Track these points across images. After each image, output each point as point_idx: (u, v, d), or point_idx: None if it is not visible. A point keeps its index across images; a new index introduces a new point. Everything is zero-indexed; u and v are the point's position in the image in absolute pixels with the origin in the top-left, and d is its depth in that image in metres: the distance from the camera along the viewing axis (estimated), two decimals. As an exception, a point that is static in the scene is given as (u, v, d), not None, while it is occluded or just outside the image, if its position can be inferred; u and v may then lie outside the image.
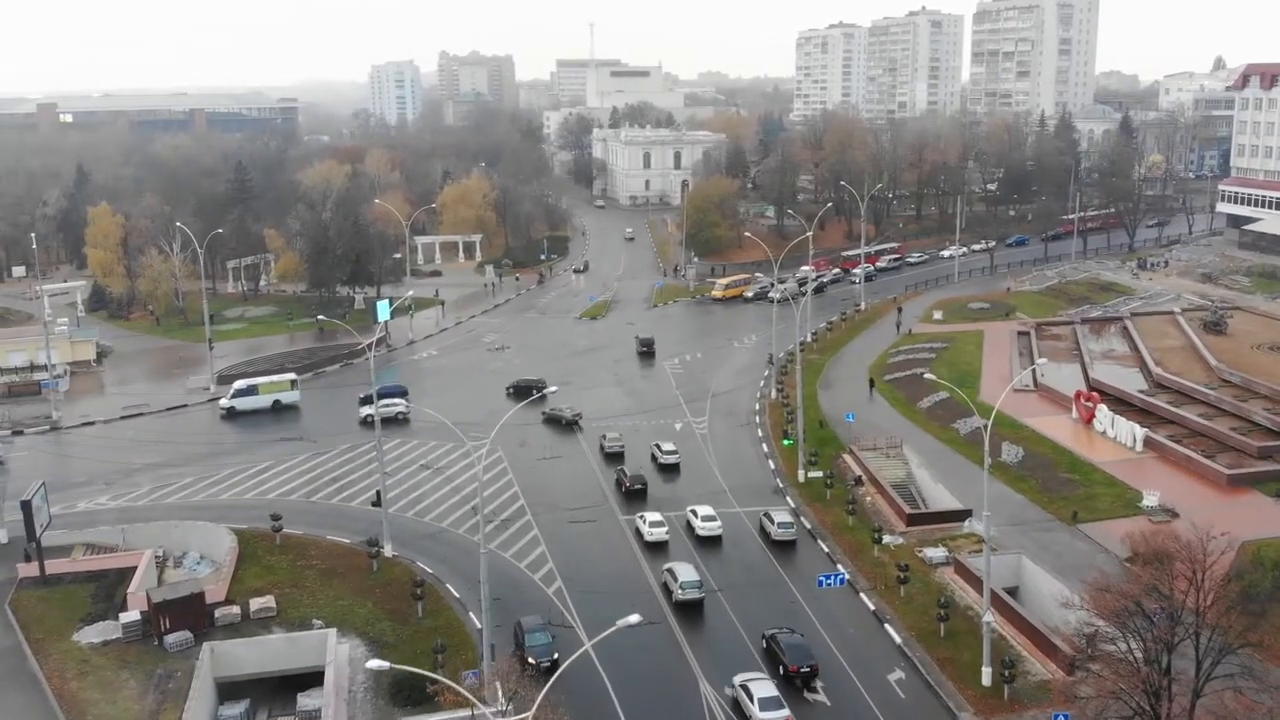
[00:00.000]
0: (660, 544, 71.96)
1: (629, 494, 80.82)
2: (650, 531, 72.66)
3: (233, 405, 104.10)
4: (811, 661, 56.10)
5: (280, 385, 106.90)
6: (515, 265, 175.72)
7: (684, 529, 74.33)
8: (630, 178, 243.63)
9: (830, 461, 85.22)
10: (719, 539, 72.81)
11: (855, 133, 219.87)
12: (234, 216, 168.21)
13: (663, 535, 72.26)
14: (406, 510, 78.73)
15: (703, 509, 74.99)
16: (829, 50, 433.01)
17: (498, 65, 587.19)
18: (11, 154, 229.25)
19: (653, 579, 66.92)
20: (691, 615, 63.33)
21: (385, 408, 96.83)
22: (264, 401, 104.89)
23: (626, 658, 57.34)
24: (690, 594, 63.60)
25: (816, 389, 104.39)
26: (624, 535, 74.02)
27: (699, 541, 72.68)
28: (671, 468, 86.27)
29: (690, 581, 64.22)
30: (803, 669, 55.64)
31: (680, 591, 63.77)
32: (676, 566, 66.27)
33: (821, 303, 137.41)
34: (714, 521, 73.54)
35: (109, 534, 74.61)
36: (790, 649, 56.63)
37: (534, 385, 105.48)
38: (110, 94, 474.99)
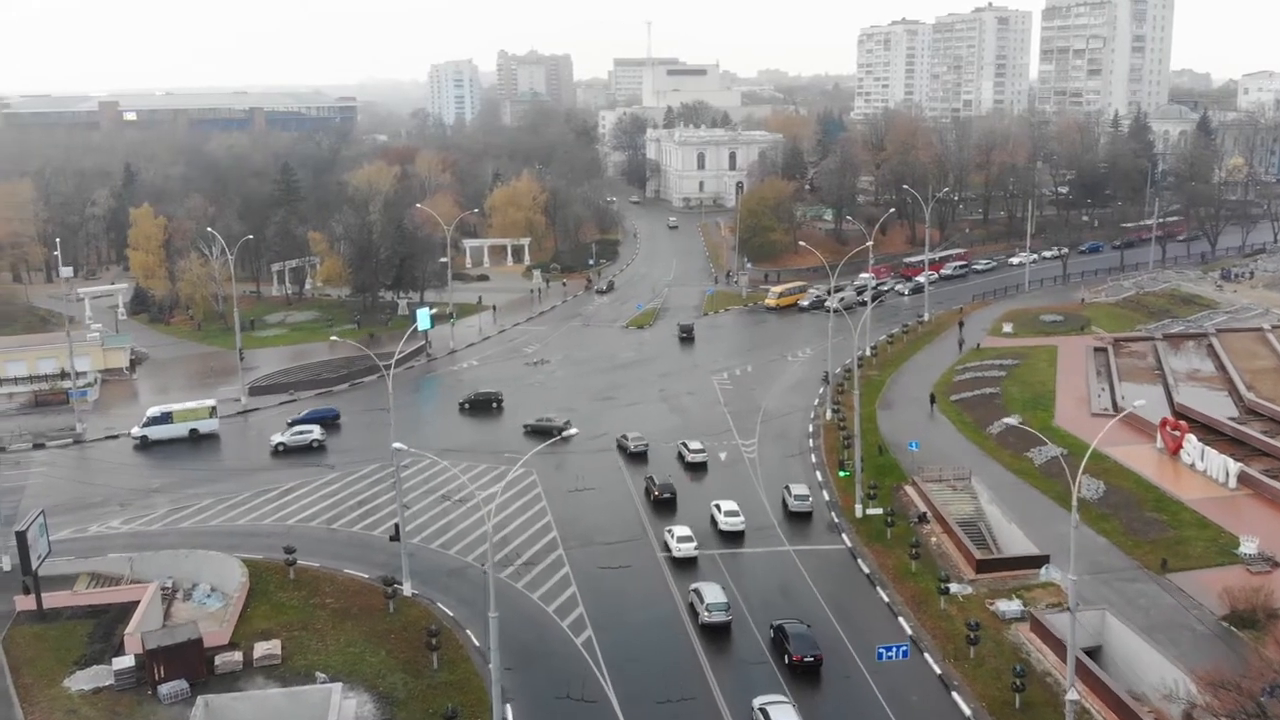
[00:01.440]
0: (689, 560, 69.21)
1: (657, 503, 78.36)
2: (679, 547, 69.84)
3: (145, 435, 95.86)
4: (816, 652, 56.65)
5: (198, 413, 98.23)
6: (563, 270, 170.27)
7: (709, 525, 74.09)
8: (683, 179, 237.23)
9: (891, 495, 78.34)
10: (742, 534, 72.61)
11: (919, 132, 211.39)
12: (278, 218, 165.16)
13: (691, 551, 69.56)
14: (431, 541, 73.35)
15: (726, 504, 74.87)
16: (892, 47, 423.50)
17: (555, 65, 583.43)
18: (62, 152, 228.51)
19: (697, 644, 60.55)
20: (718, 639, 59.75)
21: (297, 436, 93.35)
22: (179, 430, 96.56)
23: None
24: (717, 616, 60.59)
25: (875, 410, 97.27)
26: (661, 574, 67.76)
27: (724, 540, 72.10)
28: (698, 466, 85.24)
29: (717, 603, 61.02)
30: (806, 658, 56.27)
31: (707, 613, 60.71)
32: (703, 587, 62.93)
33: (881, 313, 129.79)
34: (737, 517, 73.45)
35: (116, 563, 70.19)
36: (796, 638, 57.21)
37: (492, 398, 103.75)
38: (173, 92, 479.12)
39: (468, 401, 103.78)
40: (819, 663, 56.32)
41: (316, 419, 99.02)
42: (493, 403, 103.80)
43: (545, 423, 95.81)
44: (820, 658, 56.52)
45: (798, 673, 56.19)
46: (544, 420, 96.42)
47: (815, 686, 55.69)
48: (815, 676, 56.48)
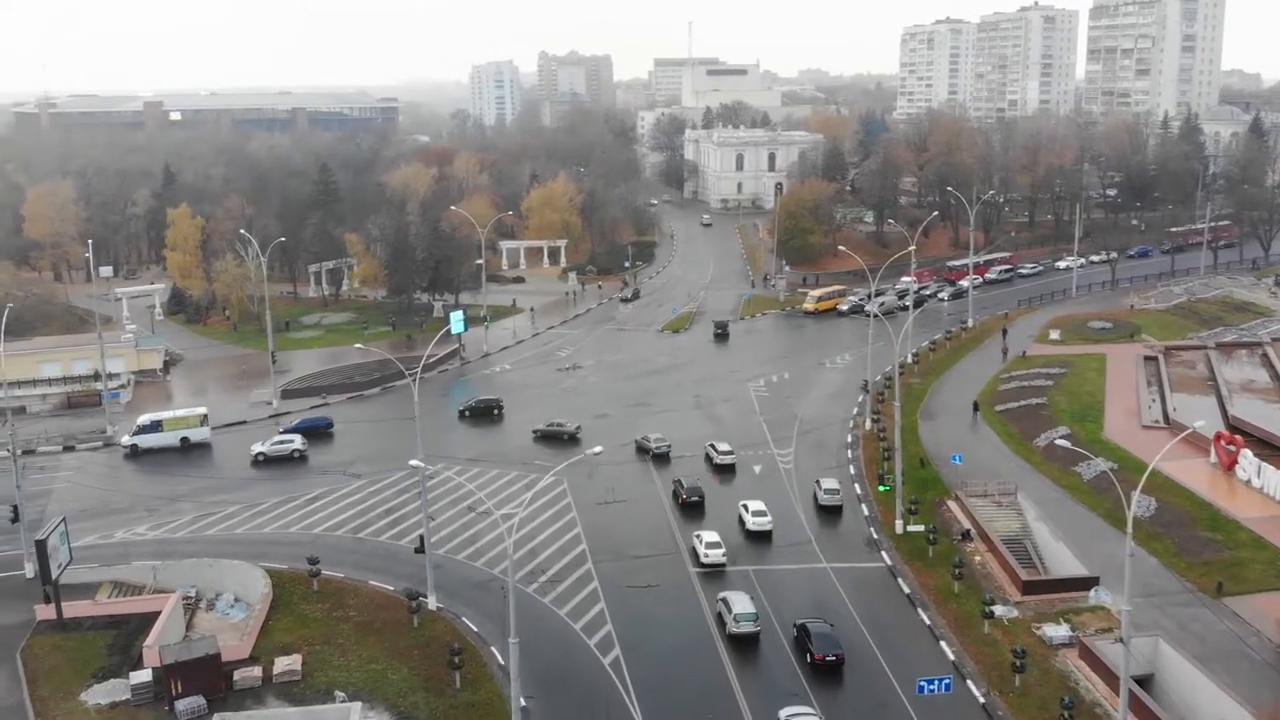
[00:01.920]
0: (717, 568, 68.17)
1: (686, 506, 77.73)
2: (708, 554, 68.78)
3: (135, 443, 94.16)
4: (838, 651, 56.76)
5: (188, 421, 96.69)
6: (599, 272, 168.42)
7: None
8: (722, 180, 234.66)
9: (933, 510, 75.62)
10: (769, 534, 72.53)
11: (963, 132, 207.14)
12: (315, 220, 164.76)
13: (720, 558, 68.46)
14: (458, 552, 71.68)
15: (754, 503, 74.99)
16: (935, 46, 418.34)
17: (596, 65, 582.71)
18: (104, 151, 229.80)
19: (727, 664, 58.40)
20: (745, 650, 58.49)
21: (277, 446, 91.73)
22: (170, 439, 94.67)
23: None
24: (745, 627, 59.51)
25: (917, 420, 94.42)
26: (695, 595, 65.54)
27: (750, 540, 72.12)
28: (727, 468, 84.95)
29: (746, 614, 59.87)
30: (828, 657, 56.40)
31: (735, 624, 59.58)
32: (732, 596, 61.74)
33: (923, 318, 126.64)
34: (765, 516, 73.48)
35: (140, 572, 69.26)
36: (818, 638, 57.54)
37: (493, 404, 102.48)
38: (217, 92, 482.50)
39: (468, 409, 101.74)
40: (841, 662, 56.54)
41: (308, 428, 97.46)
42: (494, 409, 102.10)
43: (556, 428, 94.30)
44: (842, 657, 56.71)
45: (820, 671, 56.41)
46: (555, 425, 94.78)
47: (845, 704, 53.98)
48: (837, 676, 56.49)
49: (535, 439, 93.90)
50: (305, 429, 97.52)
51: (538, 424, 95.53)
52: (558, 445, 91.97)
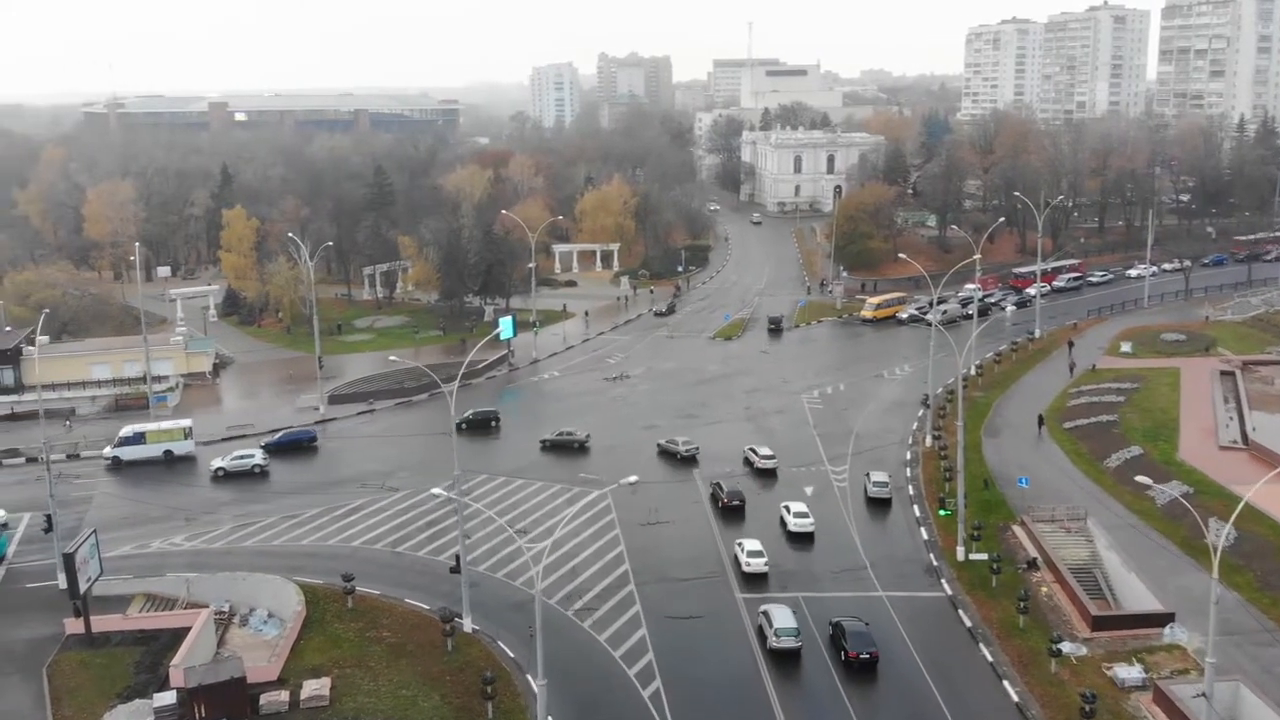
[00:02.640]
0: (760, 576, 66.89)
1: (726, 510, 76.95)
2: (749, 562, 67.66)
3: (117, 455, 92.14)
4: (872, 649, 56.91)
5: (172, 434, 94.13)
6: (652, 276, 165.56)
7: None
8: (779, 182, 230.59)
9: (997, 535, 71.65)
10: (811, 535, 72.35)
11: (1030, 135, 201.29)
12: (369, 222, 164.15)
13: (762, 567, 67.35)
14: (497, 569, 69.21)
15: (796, 505, 74.95)
16: (1001, 46, 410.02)
17: (655, 66, 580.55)
18: (165, 151, 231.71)
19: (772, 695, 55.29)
20: (786, 666, 56.90)
21: (237, 461, 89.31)
22: (153, 451, 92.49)
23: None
24: (787, 642, 58.20)
25: (980, 437, 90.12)
26: (741, 625, 62.30)
27: (791, 541, 72.02)
28: (768, 473, 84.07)
29: (787, 628, 58.47)
30: (862, 655, 56.58)
31: (775, 639, 58.19)
32: (773, 610, 60.11)
33: (987, 328, 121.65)
34: (807, 518, 73.31)
35: (173, 584, 67.80)
36: (853, 635, 57.68)
37: (491, 416, 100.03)
38: (281, 94, 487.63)
39: (465, 421, 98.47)
40: (874, 660, 56.69)
41: (290, 442, 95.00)
42: (491, 421, 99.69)
43: (565, 437, 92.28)
44: (876, 655, 56.78)
45: (853, 669, 56.55)
46: (564, 434, 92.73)
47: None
48: (871, 674, 56.43)
49: (544, 449, 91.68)
50: (288, 444, 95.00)
51: (545, 434, 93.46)
52: (568, 455, 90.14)
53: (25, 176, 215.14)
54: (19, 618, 64.38)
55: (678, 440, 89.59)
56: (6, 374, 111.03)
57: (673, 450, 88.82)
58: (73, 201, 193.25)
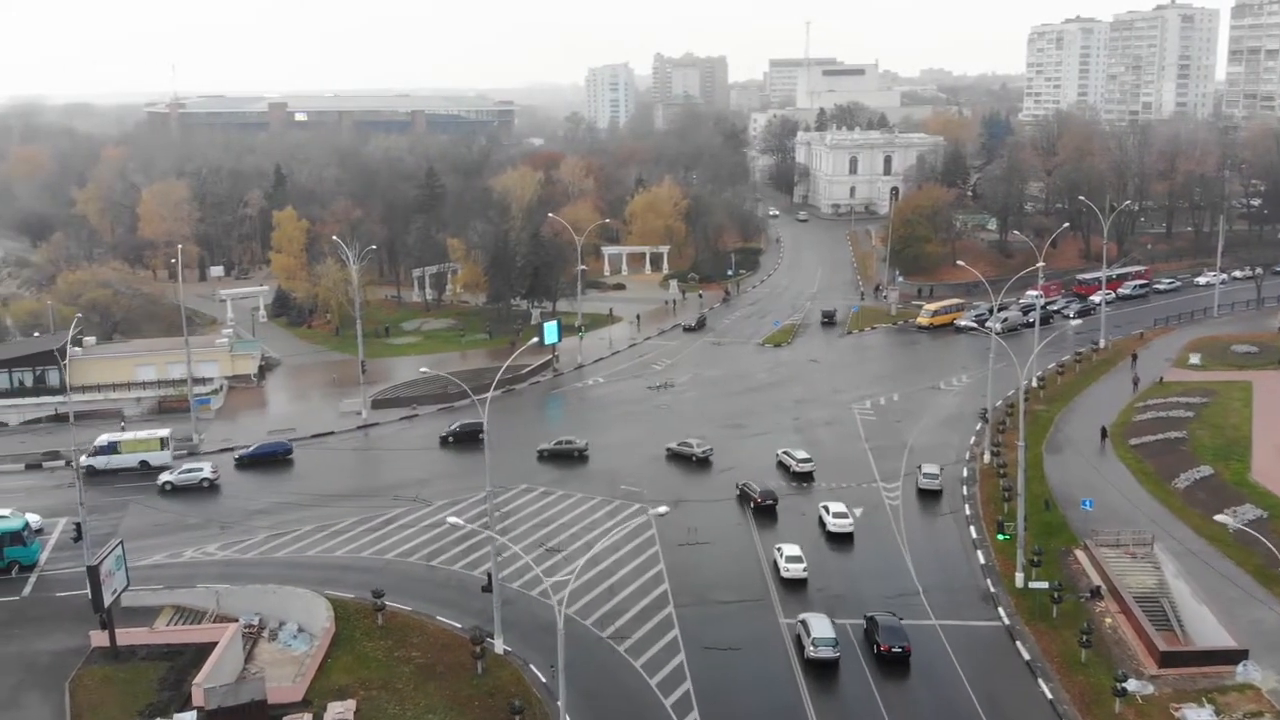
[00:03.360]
0: (799, 581, 66.04)
1: (759, 510, 76.77)
2: (788, 568, 66.84)
3: (91, 464, 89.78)
4: (904, 644, 57.30)
5: (149, 444, 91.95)
6: (701, 280, 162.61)
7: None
8: (834, 184, 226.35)
9: (1058, 560, 67.86)
10: (850, 536, 72.23)
11: (1095, 136, 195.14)
12: (419, 223, 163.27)
13: (801, 572, 66.46)
14: (532, 587, 66.66)
15: (835, 505, 74.87)
16: (1064, 46, 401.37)
17: (710, 66, 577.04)
18: (219, 151, 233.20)
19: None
20: (823, 677, 55.78)
21: (185, 475, 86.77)
22: (128, 461, 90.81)
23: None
24: (824, 652, 57.01)
25: (1042, 453, 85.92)
26: (786, 655, 59.28)
27: (830, 541, 72.01)
28: (805, 476, 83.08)
29: (824, 638, 57.34)
30: (894, 649, 57.06)
31: (813, 648, 57.13)
32: (811, 619, 59.25)
33: (1049, 337, 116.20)
34: (846, 519, 73.26)
35: (203, 596, 66.41)
36: (885, 630, 58.11)
37: (476, 429, 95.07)
38: (340, 94, 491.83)
39: (451, 435, 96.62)
40: (907, 654, 56.97)
41: (265, 454, 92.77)
42: (479, 433, 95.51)
43: (564, 445, 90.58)
44: (908, 649, 57.10)
45: (884, 663, 56.96)
46: (563, 443, 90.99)
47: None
48: (904, 668, 56.64)
49: (540, 459, 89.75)
50: (262, 456, 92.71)
51: (544, 443, 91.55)
52: (566, 464, 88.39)
53: (86, 176, 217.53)
54: (46, 628, 63.35)
55: (691, 442, 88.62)
56: (52, 375, 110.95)
57: (686, 453, 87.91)
58: (128, 201, 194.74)
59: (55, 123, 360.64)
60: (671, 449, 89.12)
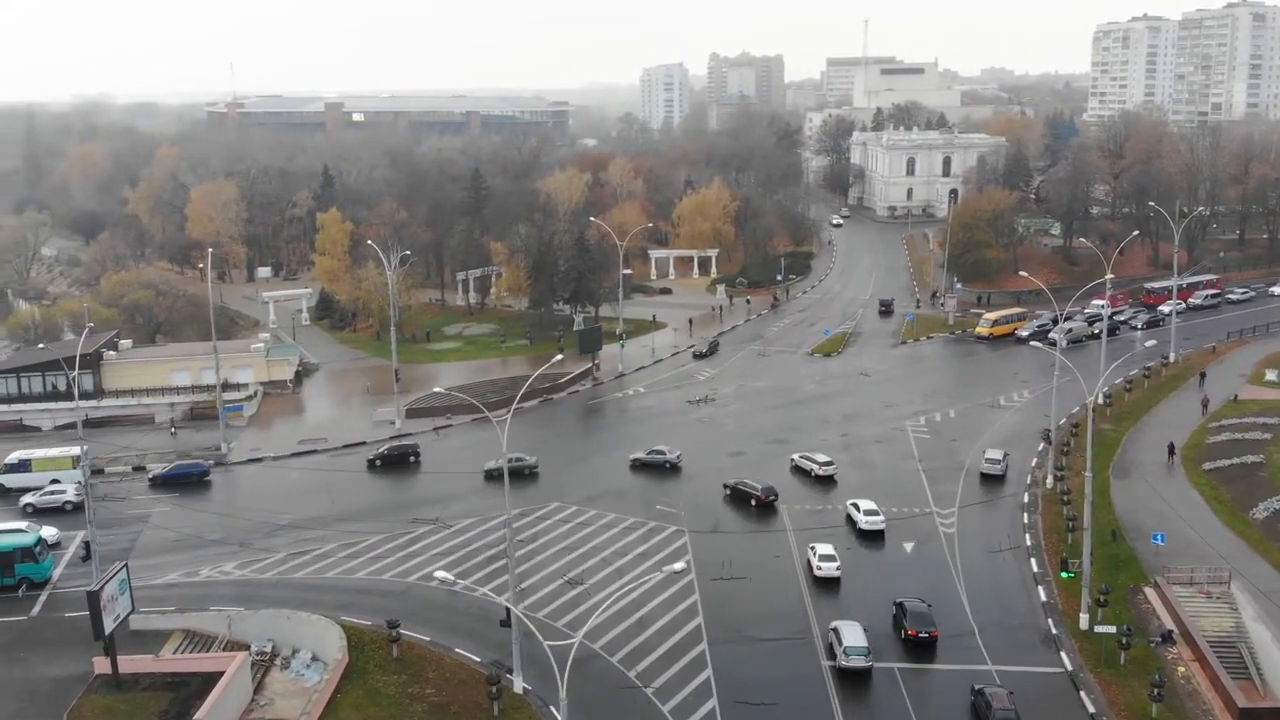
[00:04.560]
0: (832, 580, 65.95)
1: (760, 508, 77.02)
2: (821, 566, 66.68)
3: (1, 483, 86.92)
4: (931, 629, 58.32)
5: (60, 462, 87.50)
6: (749, 285, 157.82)
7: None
8: (890, 186, 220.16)
9: (1126, 599, 62.61)
10: (882, 534, 72.11)
11: (1164, 138, 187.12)
12: (463, 226, 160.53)
13: (834, 571, 66.39)
14: (558, 618, 62.97)
15: (865, 502, 74.84)
16: (1131, 45, 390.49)
17: (767, 66, 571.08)
18: (270, 151, 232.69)
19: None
20: (855, 686, 54.66)
21: (47, 497, 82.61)
22: (39, 480, 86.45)
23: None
24: (856, 661, 56.08)
25: (1108, 478, 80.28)
26: (829, 703, 54.89)
27: (863, 539, 72.04)
28: (828, 480, 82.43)
29: (857, 647, 56.41)
30: (921, 634, 58.12)
31: (844, 657, 56.22)
32: (843, 626, 58.16)
33: (1115, 349, 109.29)
34: (877, 515, 73.24)
35: (214, 620, 63.45)
36: (913, 615, 59.08)
37: (410, 451, 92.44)
38: (397, 95, 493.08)
39: (379, 457, 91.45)
40: (933, 640, 58.00)
41: (181, 475, 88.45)
42: (410, 456, 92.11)
43: (655, 456, 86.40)
44: (935, 634, 58.08)
45: (910, 647, 58.08)
46: (655, 453, 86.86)
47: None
48: (929, 652, 57.76)
49: (488, 478, 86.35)
50: (177, 477, 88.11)
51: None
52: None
53: (139, 175, 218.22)
54: (51, 652, 60.78)
55: (664, 449, 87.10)
56: (86, 379, 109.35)
57: (655, 462, 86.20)
58: (178, 201, 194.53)
59: (117, 122, 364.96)
60: (641, 460, 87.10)
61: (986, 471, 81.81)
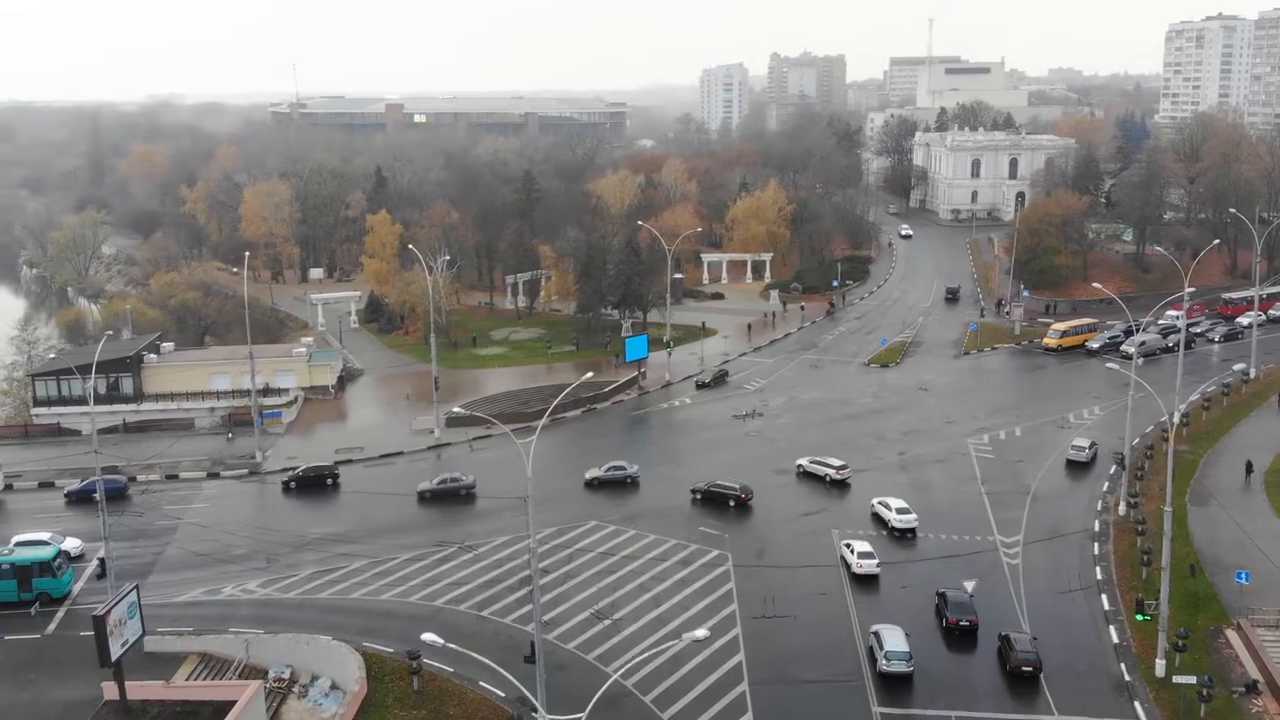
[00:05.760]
0: (871, 577, 65.89)
1: (740, 507, 77.00)
2: (860, 564, 66.52)
3: None
4: (971, 617, 59.17)
5: None
6: (804, 290, 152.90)
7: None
8: (954, 188, 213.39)
9: (1206, 643, 57.32)
10: (914, 531, 71.96)
11: (1243, 141, 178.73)
12: (513, 228, 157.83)
13: (873, 568, 66.37)
14: (589, 648, 59.29)
15: (895, 501, 74.43)
16: (1205, 45, 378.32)
17: (829, 66, 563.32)
18: (323, 151, 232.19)
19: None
20: (897, 690, 53.83)
21: None
22: None
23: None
24: (897, 666, 55.48)
25: (1185, 505, 74.55)
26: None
27: (895, 539, 71.57)
28: (843, 484, 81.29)
29: (898, 651, 55.75)
30: (961, 622, 58.96)
31: (885, 662, 55.61)
32: (884, 630, 57.58)
33: (1190, 363, 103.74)
34: (910, 514, 72.84)
35: (232, 644, 60.75)
36: (953, 604, 60.07)
37: (326, 473, 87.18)
38: (458, 96, 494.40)
39: (294, 480, 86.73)
40: (974, 628, 58.64)
41: (93, 491, 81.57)
42: (326, 479, 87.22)
43: (720, 489, 79.51)
44: (975, 623, 58.73)
45: (953, 636, 58.82)
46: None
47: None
48: (971, 641, 58.27)
49: (422, 499, 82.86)
50: (86, 494, 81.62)
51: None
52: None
53: (198, 175, 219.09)
54: (62, 674, 58.42)
55: (624, 465, 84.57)
56: (126, 382, 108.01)
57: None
58: (232, 201, 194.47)
59: (183, 122, 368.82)
60: (597, 477, 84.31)
61: (1073, 459, 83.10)
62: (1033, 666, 54.57)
